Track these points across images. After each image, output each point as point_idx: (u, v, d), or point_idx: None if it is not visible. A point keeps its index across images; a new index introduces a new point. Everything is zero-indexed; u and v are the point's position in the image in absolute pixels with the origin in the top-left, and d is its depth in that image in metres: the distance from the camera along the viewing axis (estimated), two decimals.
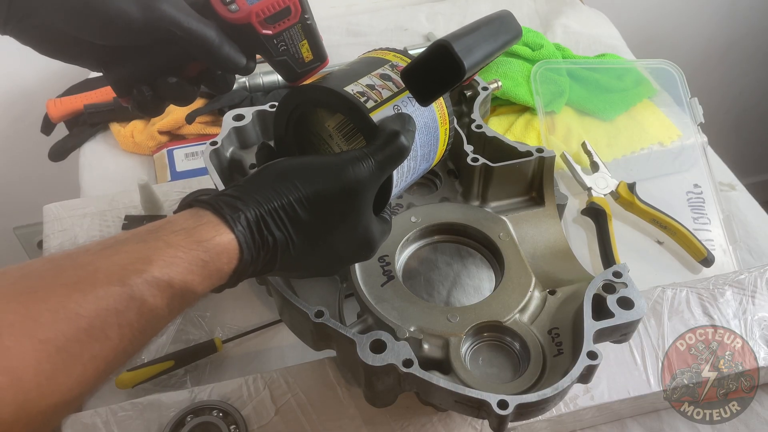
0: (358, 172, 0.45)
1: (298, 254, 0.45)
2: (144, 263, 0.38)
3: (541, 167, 0.66)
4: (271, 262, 0.44)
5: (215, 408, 0.59)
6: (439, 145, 0.57)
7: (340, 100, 0.50)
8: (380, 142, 0.48)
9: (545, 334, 0.55)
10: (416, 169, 0.55)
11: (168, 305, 0.39)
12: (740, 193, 0.91)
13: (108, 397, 0.69)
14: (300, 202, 0.44)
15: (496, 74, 0.95)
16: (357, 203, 0.46)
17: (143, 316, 0.37)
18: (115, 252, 0.38)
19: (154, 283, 0.38)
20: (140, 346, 0.39)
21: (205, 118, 0.96)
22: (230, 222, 0.42)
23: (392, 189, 0.52)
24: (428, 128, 0.54)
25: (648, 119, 0.95)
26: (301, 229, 0.44)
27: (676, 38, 1.58)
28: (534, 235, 0.65)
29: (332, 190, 0.45)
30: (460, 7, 1.24)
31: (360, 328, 0.57)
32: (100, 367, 0.36)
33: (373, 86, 0.52)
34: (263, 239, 0.43)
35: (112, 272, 0.37)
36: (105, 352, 0.36)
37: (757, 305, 0.68)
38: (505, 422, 0.48)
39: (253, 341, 0.74)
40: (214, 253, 0.41)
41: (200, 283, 0.40)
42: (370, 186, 0.47)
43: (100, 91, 0.99)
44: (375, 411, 0.59)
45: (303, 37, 0.52)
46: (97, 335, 0.35)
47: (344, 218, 0.46)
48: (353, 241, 0.48)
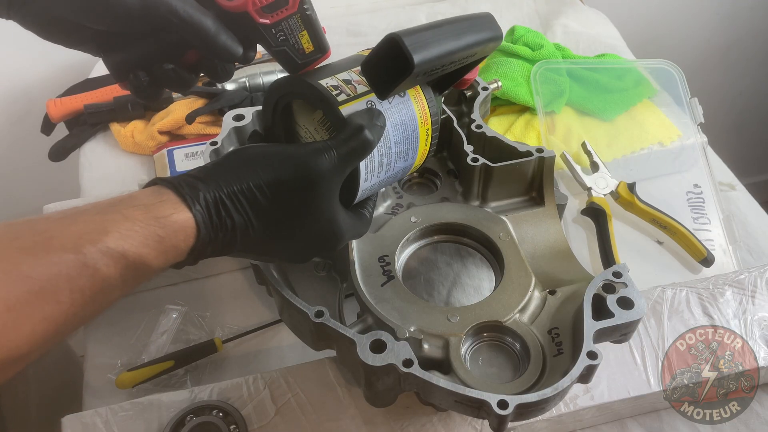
0: (319, 163, 0.46)
1: (260, 238, 0.46)
2: (100, 233, 0.39)
3: (541, 167, 0.66)
4: (230, 244, 0.45)
5: (215, 408, 0.59)
6: (420, 146, 0.57)
7: (312, 92, 0.51)
8: (344, 135, 0.48)
9: (545, 334, 0.55)
10: (391, 167, 0.55)
11: (121, 276, 0.40)
12: (740, 193, 0.91)
13: (108, 397, 0.69)
14: (260, 188, 0.45)
15: (496, 74, 0.95)
16: (318, 193, 0.47)
17: (95, 284, 0.39)
18: (73, 221, 0.40)
19: (107, 252, 0.39)
20: (92, 313, 0.40)
21: (205, 118, 0.96)
22: (189, 201, 0.43)
23: (359, 183, 0.52)
24: (405, 126, 0.54)
25: (648, 119, 0.95)
26: (261, 215, 0.45)
27: (676, 38, 1.58)
28: (534, 235, 0.65)
29: (292, 179, 0.46)
30: (460, 7, 1.24)
31: (360, 328, 0.57)
32: (50, 329, 0.37)
33: (350, 81, 0.52)
34: (221, 221, 0.44)
35: (68, 240, 0.38)
36: (56, 314, 0.37)
37: (757, 305, 0.68)
38: (505, 422, 0.48)
39: (253, 341, 0.74)
40: (171, 230, 0.42)
41: (155, 257, 0.41)
42: (332, 178, 0.47)
43: (100, 91, 0.99)
44: (375, 411, 0.59)
45: (302, 28, 0.51)
46: (48, 298, 0.37)
47: (306, 207, 0.47)
48: (317, 231, 0.49)
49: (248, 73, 0.99)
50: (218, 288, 0.80)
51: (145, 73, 0.51)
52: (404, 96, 0.54)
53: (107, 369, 0.72)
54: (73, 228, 0.39)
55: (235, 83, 0.98)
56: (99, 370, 0.72)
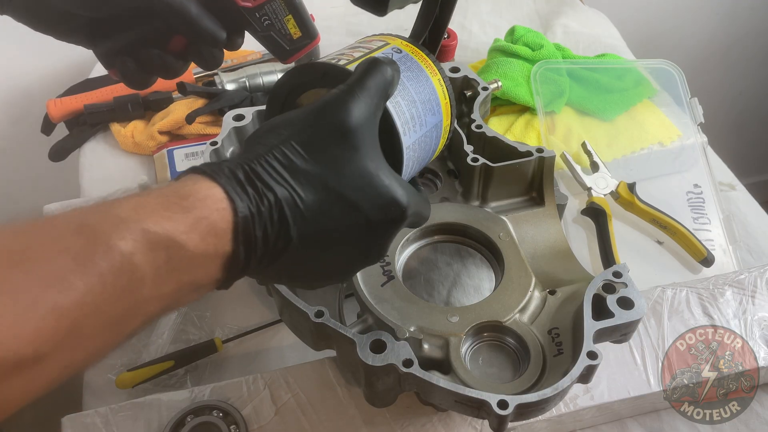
0: (343, 104, 0.42)
1: (312, 214, 0.40)
2: (107, 207, 0.34)
3: (541, 167, 0.66)
4: (283, 224, 0.39)
5: (215, 408, 0.59)
6: (441, 99, 0.53)
7: (315, 69, 0.49)
8: (356, 73, 0.44)
9: (545, 334, 0.55)
10: (423, 120, 0.51)
11: (148, 258, 0.33)
12: (740, 193, 0.91)
13: (108, 397, 0.69)
14: (290, 148, 0.40)
15: (496, 74, 0.95)
16: (354, 141, 0.41)
17: (115, 266, 0.32)
18: (77, 210, 0.35)
19: (120, 224, 0.33)
20: (122, 315, 0.34)
21: (205, 118, 0.96)
22: (210, 173, 0.38)
23: (399, 134, 0.48)
24: (418, 78, 0.52)
25: (648, 119, 0.95)
26: (303, 180, 0.39)
27: (676, 38, 1.58)
28: (534, 235, 0.65)
29: (321, 129, 0.41)
30: (460, 7, 1.23)
31: (360, 328, 0.57)
32: (63, 324, 0.30)
33: (354, 48, 0.52)
34: (259, 192, 0.38)
35: (71, 218, 0.33)
36: (69, 304, 0.31)
37: (757, 305, 0.68)
38: (505, 422, 0.48)
39: (253, 341, 0.74)
40: (196, 199, 0.36)
41: (187, 235, 0.35)
42: (363, 120, 0.42)
43: (100, 91, 0.99)
44: (375, 411, 0.59)
45: (287, 12, 0.51)
46: (55, 283, 0.30)
47: (347, 161, 0.41)
48: (369, 189, 0.41)
49: (248, 73, 0.99)
50: None
51: (132, 59, 0.51)
52: (402, 52, 0.53)
53: (107, 369, 0.72)
54: (76, 211, 0.34)
55: (235, 83, 0.98)
56: (99, 370, 0.72)
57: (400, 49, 0.54)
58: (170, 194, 0.36)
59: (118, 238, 0.32)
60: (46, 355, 0.30)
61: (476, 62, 1.06)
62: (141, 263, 0.33)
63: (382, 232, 0.43)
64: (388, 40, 0.55)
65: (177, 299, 0.37)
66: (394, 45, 0.54)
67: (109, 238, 0.32)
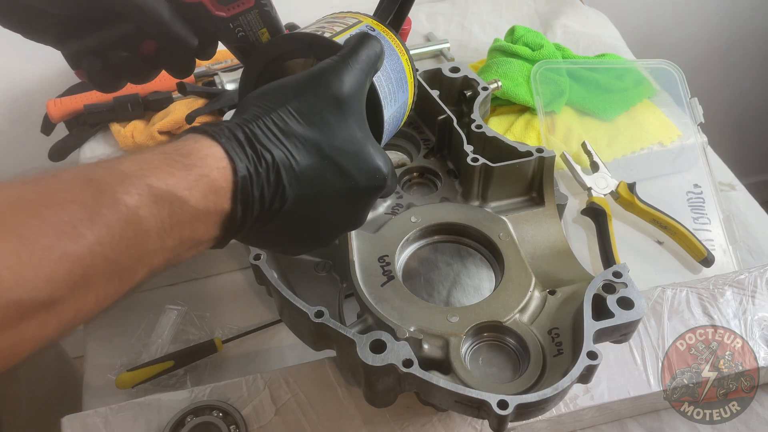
0: (337, 73, 0.44)
1: (306, 177, 0.41)
2: (110, 163, 0.35)
3: (541, 167, 0.66)
4: (279, 185, 0.40)
5: (215, 408, 0.59)
6: (407, 75, 0.56)
7: (299, 39, 0.50)
8: (350, 45, 0.46)
9: (545, 334, 0.55)
10: (396, 96, 0.54)
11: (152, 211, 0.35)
12: (740, 193, 0.91)
13: (108, 397, 0.69)
14: (287, 113, 0.42)
15: (496, 74, 0.95)
16: (346, 109, 0.43)
17: (121, 217, 0.33)
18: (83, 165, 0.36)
19: (125, 178, 0.34)
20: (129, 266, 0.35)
21: (205, 118, 0.96)
22: (211, 133, 0.39)
23: (382, 107, 0.51)
24: (391, 54, 0.54)
25: (648, 119, 0.95)
26: (299, 144, 0.41)
27: (676, 38, 1.58)
28: (534, 235, 0.65)
29: (315, 96, 0.43)
30: (460, 7, 1.24)
31: (360, 328, 0.57)
32: (76, 270, 0.32)
33: (333, 22, 0.53)
34: (257, 154, 0.39)
35: (78, 172, 0.34)
36: (80, 252, 0.32)
37: (757, 305, 0.68)
38: (505, 422, 0.48)
39: (253, 341, 0.74)
40: (197, 158, 0.37)
41: (189, 191, 0.36)
42: (355, 90, 0.44)
43: None
44: (375, 411, 0.59)
45: (262, 25, 0.51)
46: (66, 230, 0.32)
47: (340, 128, 0.43)
48: (358, 156, 0.44)
49: None
50: (218, 288, 0.80)
51: (100, 61, 0.51)
52: (375, 30, 0.55)
53: (107, 369, 0.72)
54: (82, 167, 0.35)
55: (235, 83, 0.98)
56: (99, 370, 0.72)
57: (373, 28, 0.55)
58: (172, 152, 0.37)
59: (123, 192, 0.34)
60: (59, 300, 0.32)
61: (476, 62, 1.06)
62: (146, 216, 0.34)
63: (366, 198, 0.46)
64: (360, 18, 0.56)
65: (178, 254, 0.38)
66: (367, 23, 0.55)
67: (114, 192, 0.33)
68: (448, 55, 1.11)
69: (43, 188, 0.33)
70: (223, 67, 1.03)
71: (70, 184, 0.33)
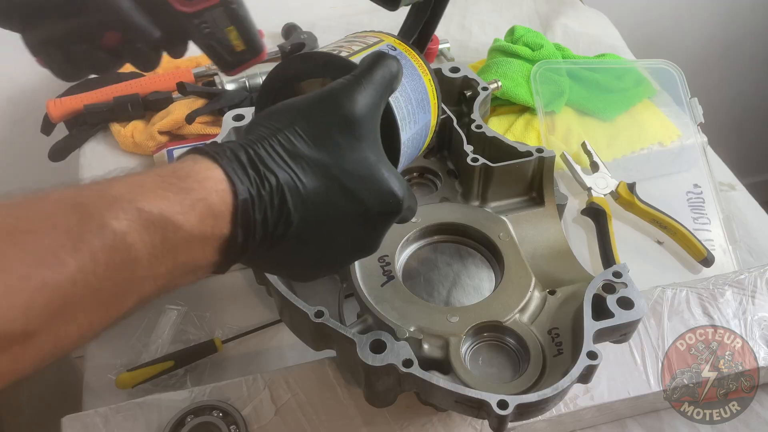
0: (349, 94, 0.42)
1: (313, 201, 0.40)
2: (100, 187, 0.34)
3: (541, 167, 0.66)
4: (283, 208, 0.38)
5: (215, 408, 0.59)
6: (430, 97, 0.54)
7: (314, 59, 0.49)
8: (364, 65, 0.44)
9: (545, 334, 0.55)
10: (417, 118, 0.52)
11: (142, 237, 0.33)
12: (740, 193, 0.91)
13: (108, 397, 0.69)
14: (294, 133, 0.40)
15: (496, 74, 0.95)
16: (358, 131, 0.41)
17: (107, 244, 0.32)
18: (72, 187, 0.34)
19: (114, 202, 0.33)
20: (115, 295, 0.33)
21: (205, 118, 0.96)
22: (212, 153, 0.37)
23: (399, 129, 0.49)
24: (412, 74, 0.53)
25: (648, 119, 0.95)
26: (306, 166, 0.39)
27: (676, 38, 1.58)
28: (534, 235, 0.65)
29: (326, 116, 0.41)
30: (460, 7, 1.24)
31: (360, 328, 0.57)
32: (55, 299, 0.30)
33: (353, 41, 0.52)
34: (260, 175, 0.38)
35: (65, 195, 0.33)
36: (60, 280, 0.30)
37: (757, 305, 0.68)
38: (505, 422, 0.48)
39: (253, 341, 0.74)
40: (194, 180, 0.36)
41: (184, 215, 0.35)
42: (368, 111, 0.42)
43: (100, 91, 0.99)
44: (375, 411, 0.59)
45: (229, 23, 0.50)
46: (46, 258, 0.30)
47: (350, 150, 0.41)
48: (370, 180, 0.41)
49: (248, 73, 0.99)
50: (218, 288, 0.80)
51: (60, 51, 0.50)
52: (396, 50, 0.54)
53: (107, 369, 0.72)
54: (70, 189, 0.34)
55: (235, 83, 0.98)
56: (99, 370, 0.72)
57: (394, 47, 0.54)
58: (168, 174, 0.36)
59: (111, 217, 0.32)
60: (36, 331, 0.30)
61: (476, 62, 1.06)
62: (135, 242, 0.33)
63: (379, 224, 0.43)
64: (382, 37, 0.55)
65: (172, 280, 0.36)
66: (389, 42, 0.54)
67: (102, 217, 0.32)
68: (448, 55, 1.11)
69: (25, 212, 0.32)
70: None
71: (54, 208, 0.32)
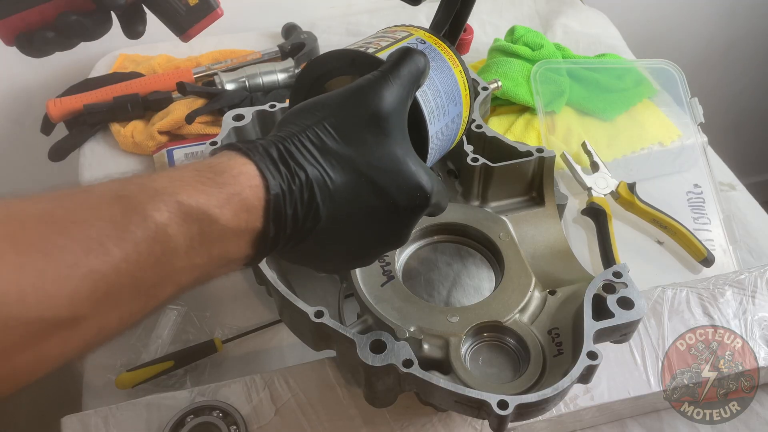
0: (376, 89, 0.42)
1: (341, 196, 0.41)
2: (143, 180, 0.35)
3: (541, 167, 0.66)
4: (312, 203, 0.40)
5: (215, 408, 0.59)
6: (461, 87, 0.54)
7: (341, 55, 0.49)
8: (390, 61, 0.45)
9: (545, 334, 0.55)
10: (446, 110, 0.52)
11: (182, 229, 0.34)
12: (740, 193, 0.91)
13: (108, 397, 0.69)
14: (322, 129, 0.41)
15: (496, 74, 0.95)
16: (385, 126, 0.42)
17: (150, 235, 0.33)
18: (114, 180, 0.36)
19: (155, 195, 0.34)
20: (155, 284, 0.35)
21: (205, 118, 0.96)
22: (245, 150, 0.39)
23: (427, 123, 0.49)
24: (441, 67, 0.53)
25: (648, 119, 0.95)
26: (334, 162, 0.41)
27: (676, 38, 1.58)
28: (534, 235, 0.65)
29: (353, 112, 0.42)
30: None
31: (360, 328, 0.57)
32: (100, 287, 0.32)
33: (380, 37, 0.53)
34: (291, 171, 0.39)
35: (109, 188, 0.34)
36: (105, 269, 0.32)
37: (757, 305, 0.68)
38: (505, 422, 0.48)
39: (253, 341, 0.74)
40: (230, 176, 0.37)
41: (220, 209, 0.36)
42: (395, 106, 0.43)
43: (100, 91, 0.99)
44: (375, 411, 0.59)
45: None
46: (92, 247, 0.32)
47: (378, 146, 0.42)
48: (397, 174, 0.42)
49: (248, 73, 0.99)
50: (218, 288, 0.80)
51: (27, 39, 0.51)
52: (426, 43, 0.54)
53: (107, 369, 0.72)
54: (113, 182, 0.35)
55: (234, 83, 0.98)
56: (99, 370, 0.72)
57: (423, 40, 0.54)
58: (205, 169, 0.37)
59: (153, 209, 0.34)
60: (82, 317, 0.32)
61: (476, 62, 1.06)
62: (175, 234, 0.34)
63: (406, 218, 0.44)
64: (411, 30, 0.55)
65: (208, 272, 0.38)
66: (418, 36, 0.54)
67: (144, 209, 0.33)
68: None
69: (72, 204, 0.33)
70: (223, 67, 1.03)
71: (99, 200, 0.34)
